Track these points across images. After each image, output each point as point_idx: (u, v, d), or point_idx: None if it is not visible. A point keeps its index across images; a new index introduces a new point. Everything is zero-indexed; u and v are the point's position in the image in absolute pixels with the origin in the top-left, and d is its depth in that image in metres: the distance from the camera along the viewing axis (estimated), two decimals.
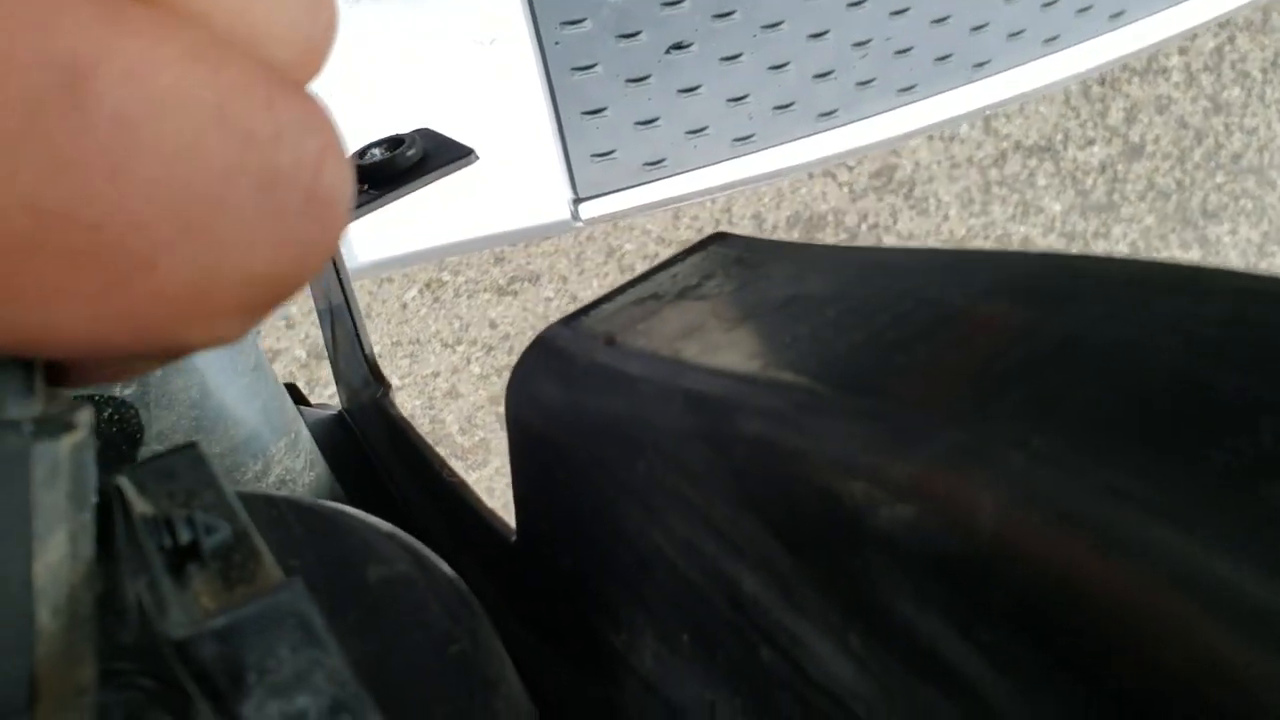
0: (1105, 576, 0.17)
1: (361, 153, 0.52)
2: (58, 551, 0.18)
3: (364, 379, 0.49)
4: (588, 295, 1.67)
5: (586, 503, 0.31)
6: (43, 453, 0.18)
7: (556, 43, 0.91)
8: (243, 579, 0.21)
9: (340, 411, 0.54)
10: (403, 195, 0.48)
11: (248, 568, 0.21)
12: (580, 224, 0.97)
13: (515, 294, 1.66)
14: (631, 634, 0.30)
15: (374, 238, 0.93)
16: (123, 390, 0.28)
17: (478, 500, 0.41)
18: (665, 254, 1.67)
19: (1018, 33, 1.10)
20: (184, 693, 0.22)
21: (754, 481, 0.24)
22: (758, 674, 0.25)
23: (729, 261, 0.33)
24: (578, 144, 0.94)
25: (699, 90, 0.97)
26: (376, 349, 1.62)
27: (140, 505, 0.20)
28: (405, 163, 0.49)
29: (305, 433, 0.38)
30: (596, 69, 0.93)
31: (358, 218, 0.48)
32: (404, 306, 1.62)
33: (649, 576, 0.29)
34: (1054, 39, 1.11)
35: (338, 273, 0.48)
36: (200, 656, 0.18)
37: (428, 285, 1.64)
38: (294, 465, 0.42)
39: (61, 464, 0.18)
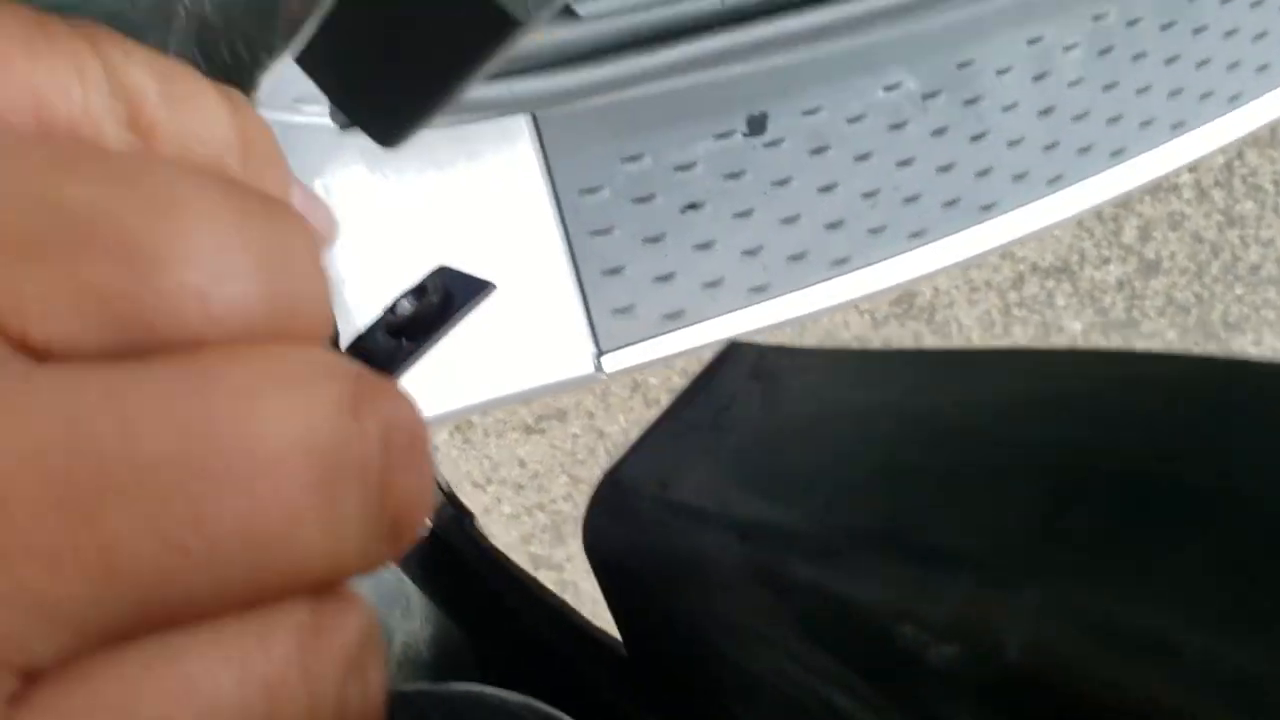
0: (1115, 699, 0.20)
1: (392, 307, 0.55)
2: None
3: (446, 509, 0.52)
4: (614, 430, 1.70)
5: (681, 630, 0.33)
6: None
7: (575, 209, 0.95)
8: None
9: (431, 532, 0.57)
10: (439, 340, 0.52)
11: None
12: (604, 376, 1.01)
13: (543, 432, 1.69)
14: None
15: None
16: None
17: (579, 615, 0.43)
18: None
19: (1022, 175, 1.14)
20: None
21: (816, 621, 0.26)
22: None
23: (745, 377, 0.35)
24: (599, 301, 0.98)
25: (714, 245, 1.01)
26: None
27: None
28: (432, 309, 0.52)
29: (413, 591, 0.41)
30: (614, 231, 0.98)
31: (404, 373, 0.52)
32: (435, 449, 1.66)
33: (753, 692, 0.31)
34: (1058, 179, 1.15)
35: None
36: None
37: (457, 427, 1.68)
38: (412, 628, 0.44)
39: None
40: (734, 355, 0.37)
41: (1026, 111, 1.13)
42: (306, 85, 0.43)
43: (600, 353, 0.99)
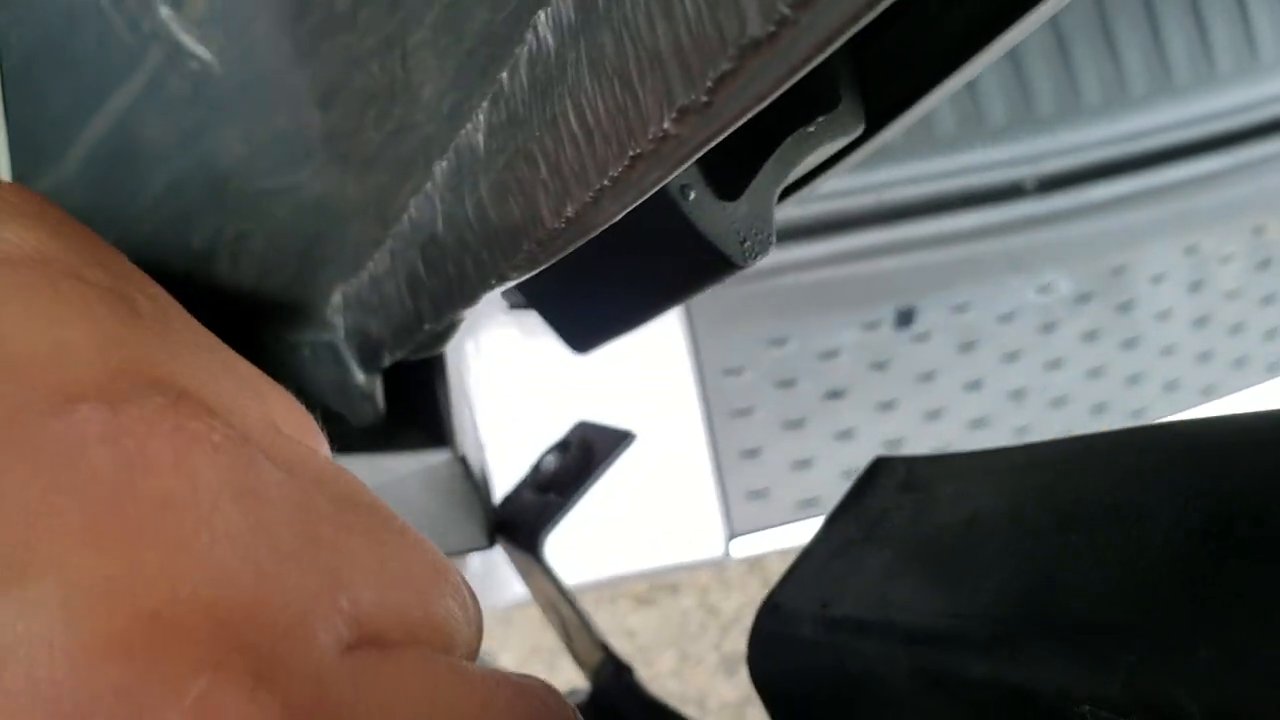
0: None
1: (537, 465, 0.56)
2: None
3: (604, 663, 0.52)
4: (728, 608, 1.67)
5: None
6: None
7: (718, 389, 0.96)
8: None
9: (591, 693, 0.57)
10: (584, 494, 0.53)
11: None
12: (732, 561, 1.01)
13: (654, 603, 1.67)
14: None
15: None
16: None
17: None
18: None
19: (1174, 383, 1.12)
20: None
21: (993, 716, 0.26)
22: None
23: (895, 490, 0.35)
24: (735, 482, 0.98)
25: (855, 434, 1.01)
26: (515, 656, 1.63)
27: None
28: (575, 463, 0.54)
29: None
30: (755, 413, 0.98)
31: (554, 526, 0.52)
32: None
33: None
34: (1210, 389, 1.14)
35: (558, 587, 0.52)
36: None
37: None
38: None
39: None
40: (882, 469, 0.37)
41: (1181, 320, 1.12)
42: None
43: (732, 535, 0.99)
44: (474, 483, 0.55)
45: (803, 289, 0.99)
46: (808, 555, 0.37)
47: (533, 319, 0.92)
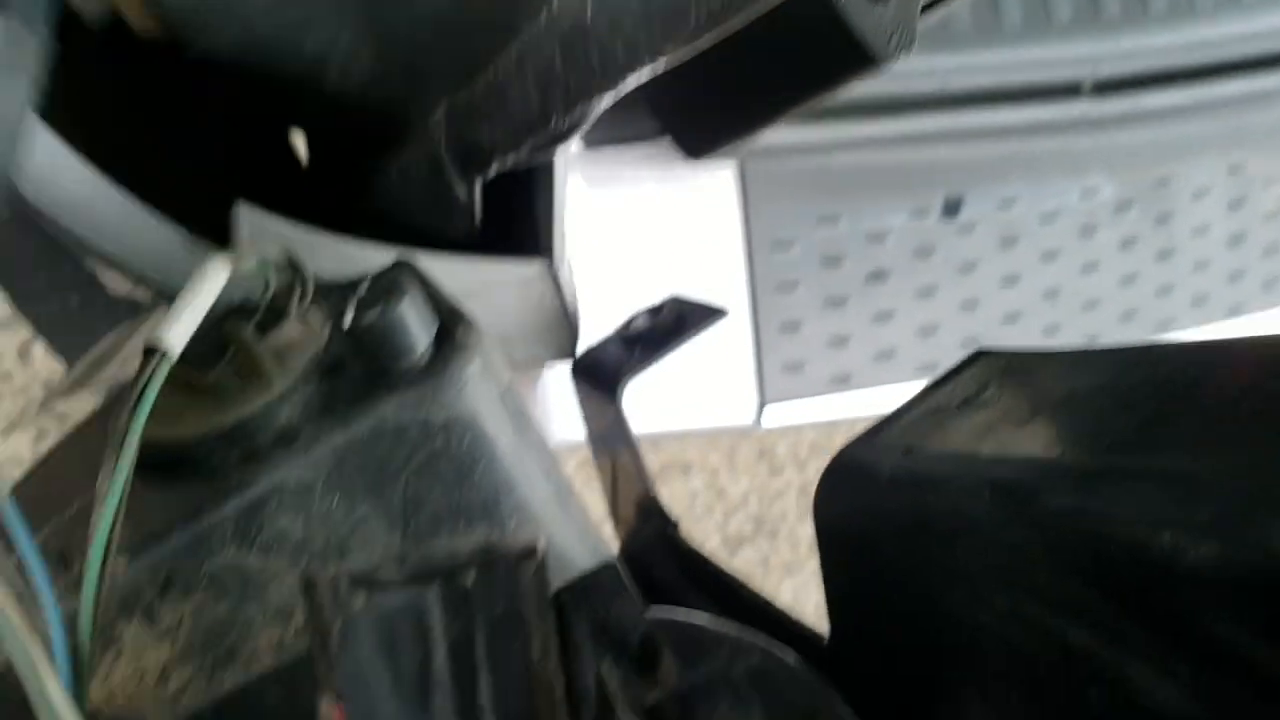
0: None
1: (628, 323, 0.60)
2: (538, 648, 0.25)
3: (648, 516, 0.55)
4: (735, 492, 1.71)
5: (905, 595, 0.35)
6: (523, 573, 0.25)
7: (765, 261, 0.99)
8: (654, 665, 0.27)
9: (623, 551, 0.60)
10: (668, 354, 0.56)
11: (656, 656, 0.27)
12: (761, 429, 1.04)
13: (665, 482, 1.71)
14: (957, 704, 0.34)
15: (567, 420, 1.01)
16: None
17: (784, 613, 0.46)
18: (816, 461, 1.71)
19: (1202, 299, 1.15)
20: None
21: (1071, 548, 0.28)
22: (1087, 715, 0.28)
23: (998, 372, 0.37)
24: (771, 355, 1.01)
25: (892, 318, 1.04)
26: None
27: (581, 611, 0.27)
28: (665, 327, 0.57)
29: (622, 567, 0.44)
30: (799, 289, 1.01)
31: (635, 377, 0.55)
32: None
33: (973, 650, 0.33)
34: (1238, 308, 1.16)
35: (625, 433, 0.55)
36: (666, 716, 0.25)
37: (581, 464, 1.71)
38: None
39: (532, 582, 0.25)
40: (984, 357, 0.39)
41: (1217, 237, 1.14)
42: None
43: (763, 404, 1.02)
44: (564, 297, 0.57)
45: (858, 169, 1.00)
46: (894, 416, 0.39)
47: (598, 179, 0.94)
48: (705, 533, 1.70)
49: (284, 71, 0.46)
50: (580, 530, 0.38)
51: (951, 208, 1.05)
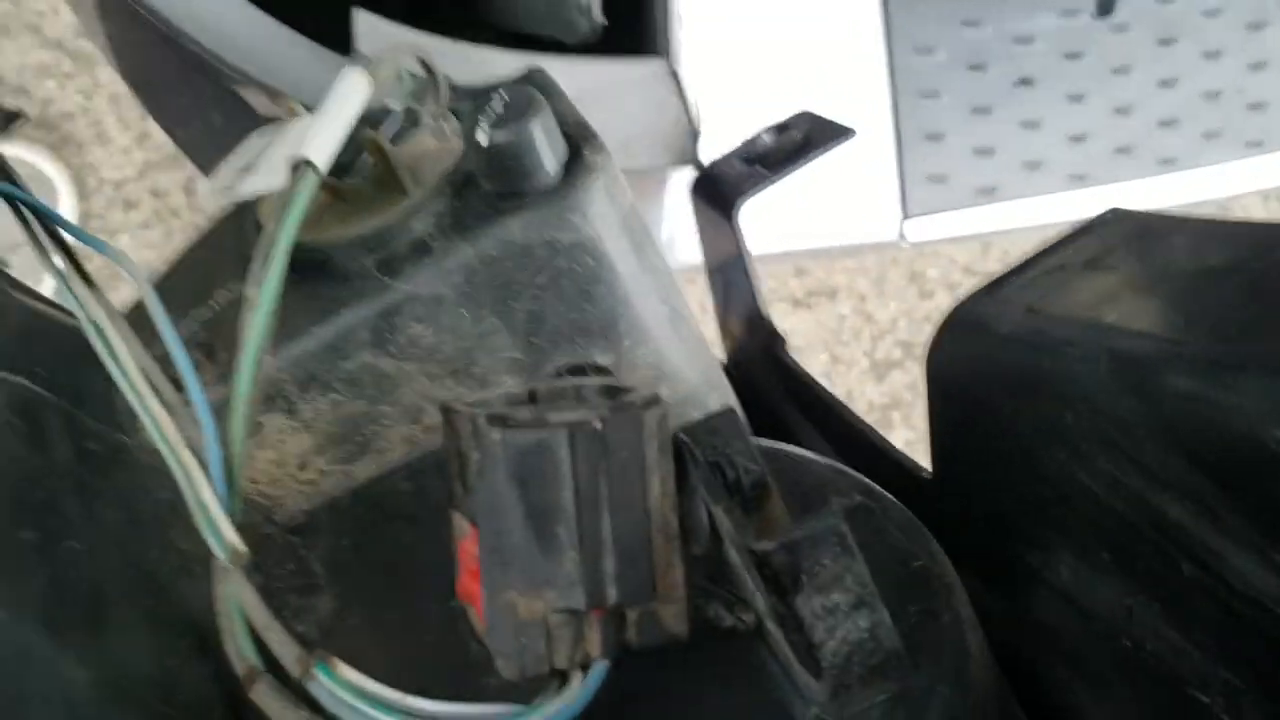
0: None
1: (754, 139, 0.59)
2: (657, 489, 0.27)
3: (755, 333, 0.56)
4: (883, 317, 1.70)
5: (1009, 448, 0.36)
6: (647, 421, 0.26)
7: (907, 68, 0.96)
8: (763, 506, 0.29)
9: (729, 363, 0.62)
10: (790, 173, 0.56)
11: (766, 498, 0.29)
12: (905, 244, 1.02)
13: (810, 308, 1.70)
14: (1048, 553, 0.35)
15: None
16: (601, 358, 0.37)
17: (883, 440, 0.47)
18: (967, 283, 1.68)
19: None
20: (728, 590, 0.30)
21: (1182, 429, 0.28)
22: (1178, 584, 0.29)
23: (1128, 235, 0.37)
24: (914, 166, 0.99)
25: (1041, 125, 1.00)
26: None
27: (699, 454, 0.28)
28: (791, 144, 0.57)
29: (729, 387, 0.45)
30: (942, 96, 0.98)
31: (753, 195, 0.56)
32: (703, 309, 1.69)
33: (1070, 507, 0.33)
34: None
35: (740, 250, 0.56)
36: (774, 563, 0.26)
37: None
38: None
39: (654, 428, 0.27)
40: (1116, 216, 0.39)
41: None
42: None
43: (906, 217, 1.01)
44: (684, 98, 0.57)
45: None
46: (1016, 271, 0.38)
47: None
48: (853, 356, 1.70)
49: None
50: (692, 352, 0.39)
51: (1105, 6, 1.00)
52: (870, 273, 1.66)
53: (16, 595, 0.26)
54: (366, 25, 0.47)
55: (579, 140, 0.36)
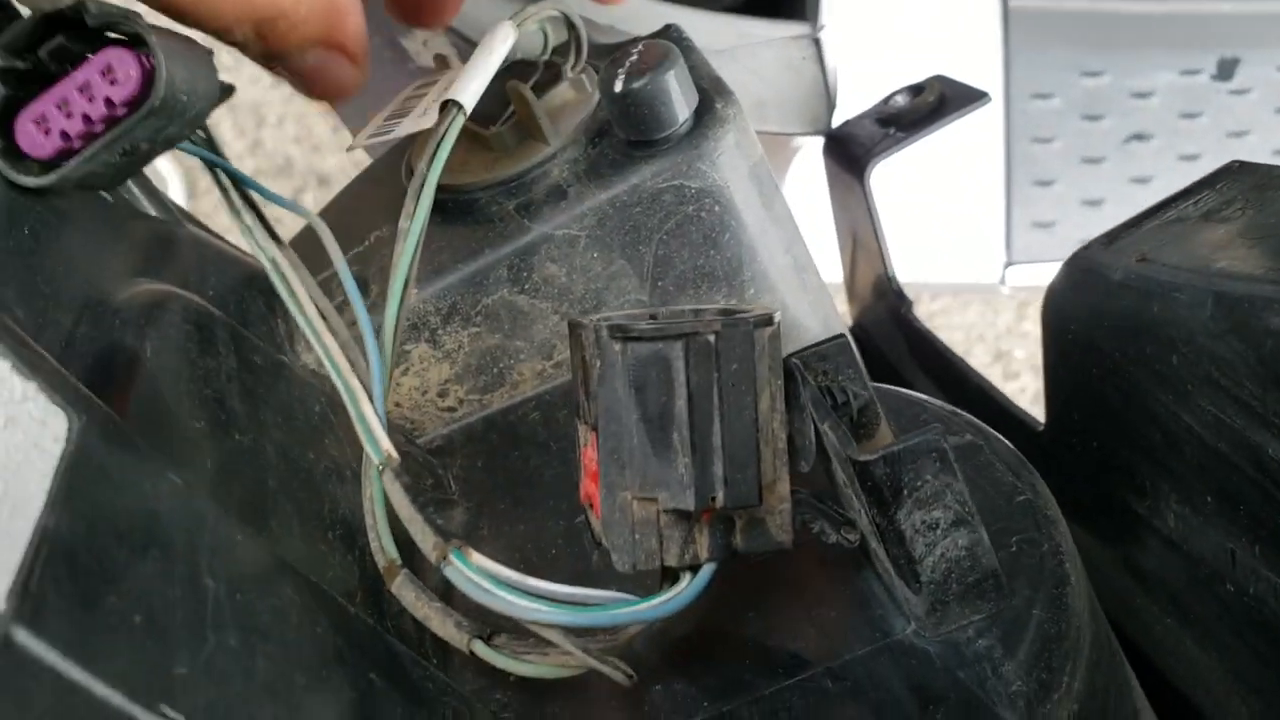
0: None
1: (887, 100, 0.61)
2: (766, 403, 0.29)
3: (882, 295, 0.58)
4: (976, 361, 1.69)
5: (1118, 393, 0.37)
6: (759, 337, 0.29)
7: (1023, 112, 0.98)
8: (871, 431, 0.31)
9: (855, 325, 0.64)
10: (924, 136, 0.58)
11: (874, 424, 0.31)
12: (1006, 290, 1.04)
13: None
14: (1155, 500, 0.36)
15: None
16: (724, 304, 0.39)
17: (1004, 396, 0.49)
18: None
19: None
20: (834, 509, 0.32)
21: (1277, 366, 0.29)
22: (1278, 524, 0.30)
23: (1248, 188, 0.37)
24: (1022, 210, 1.00)
25: (1152, 182, 1.01)
26: None
27: (810, 378, 0.30)
28: (926, 107, 0.58)
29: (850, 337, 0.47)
30: (1055, 143, 1.00)
31: (886, 157, 0.57)
32: None
33: (1176, 450, 0.34)
34: None
35: (869, 212, 0.58)
36: (875, 474, 0.28)
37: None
38: None
39: (766, 345, 0.29)
40: (1237, 169, 0.39)
41: None
42: None
43: (1009, 263, 1.02)
44: (824, 66, 0.60)
45: (1126, 21, 0.98)
46: (1135, 221, 0.39)
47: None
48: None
49: None
50: (814, 302, 0.41)
51: (1226, 69, 1.01)
52: (951, 312, 1.65)
53: (191, 470, 0.30)
54: None
55: (711, 92, 0.38)
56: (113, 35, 0.28)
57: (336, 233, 0.34)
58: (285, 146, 1.41)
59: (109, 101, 0.27)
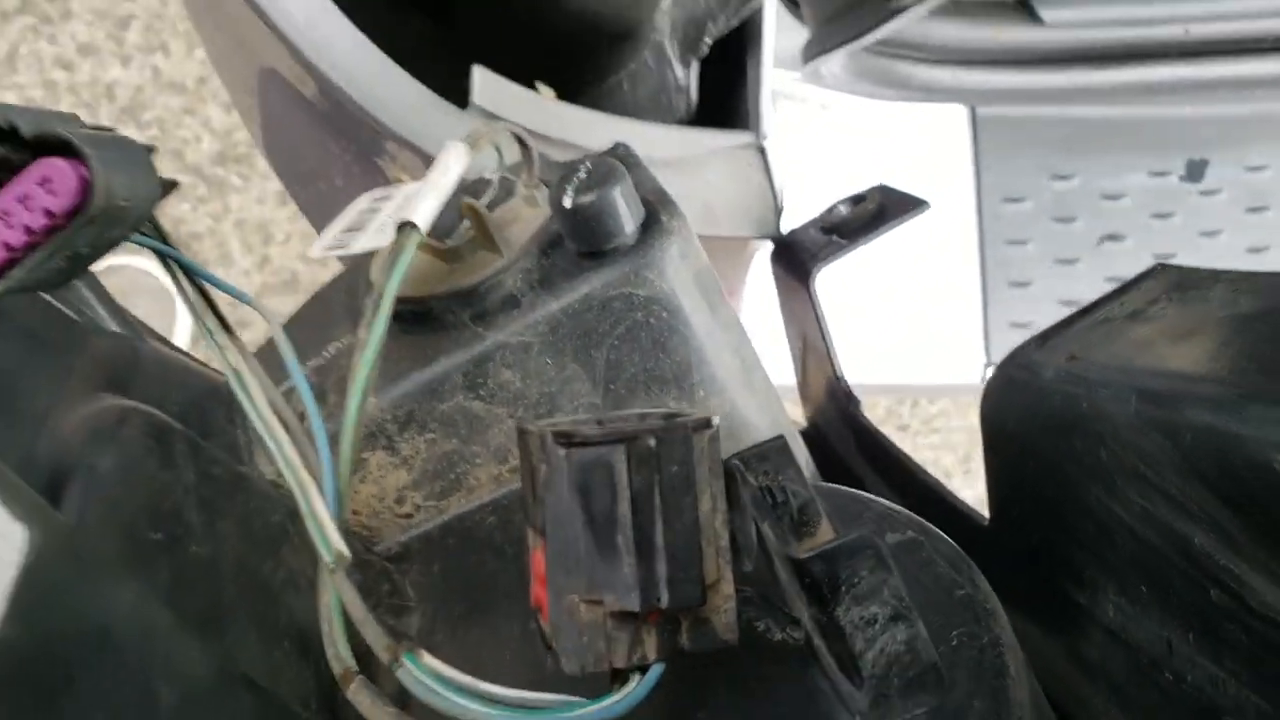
0: None
1: (830, 209, 0.64)
2: (708, 504, 0.30)
3: (833, 395, 0.60)
4: (949, 460, 1.71)
5: (1054, 487, 0.38)
6: (698, 441, 0.30)
7: (995, 215, 1.01)
8: (812, 529, 0.32)
9: (808, 426, 0.65)
10: (866, 242, 0.60)
11: (815, 522, 0.32)
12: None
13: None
14: (1094, 590, 0.37)
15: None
16: (675, 406, 0.41)
17: (949, 492, 0.50)
18: None
19: None
20: (779, 607, 0.33)
21: (1200, 459, 0.30)
22: (1208, 611, 0.31)
23: (1170, 287, 0.40)
24: (998, 312, 1.02)
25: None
26: None
27: (750, 478, 0.32)
28: (866, 215, 0.61)
29: (799, 436, 0.48)
30: (1029, 245, 1.02)
31: (829, 263, 0.60)
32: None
33: (1109, 542, 0.36)
34: None
35: (816, 317, 0.60)
36: (812, 571, 0.29)
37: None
38: None
39: (705, 448, 0.30)
40: (1158, 272, 0.41)
41: None
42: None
43: (989, 364, 1.04)
44: (769, 173, 0.63)
45: (1093, 125, 1.01)
46: (1065, 323, 0.42)
47: (836, 116, 0.97)
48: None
49: None
50: (762, 403, 0.43)
51: (1195, 170, 1.04)
52: (950, 415, 1.68)
53: (147, 582, 0.31)
54: (483, 80, 0.53)
55: (656, 205, 0.40)
56: (48, 144, 0.29)
57: (298, 343, 0.35)
58: (291, 263, 1.46)
59: (48, 212, 0.28)
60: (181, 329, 1.36)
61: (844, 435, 0.60)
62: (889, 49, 0.90)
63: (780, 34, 0.69)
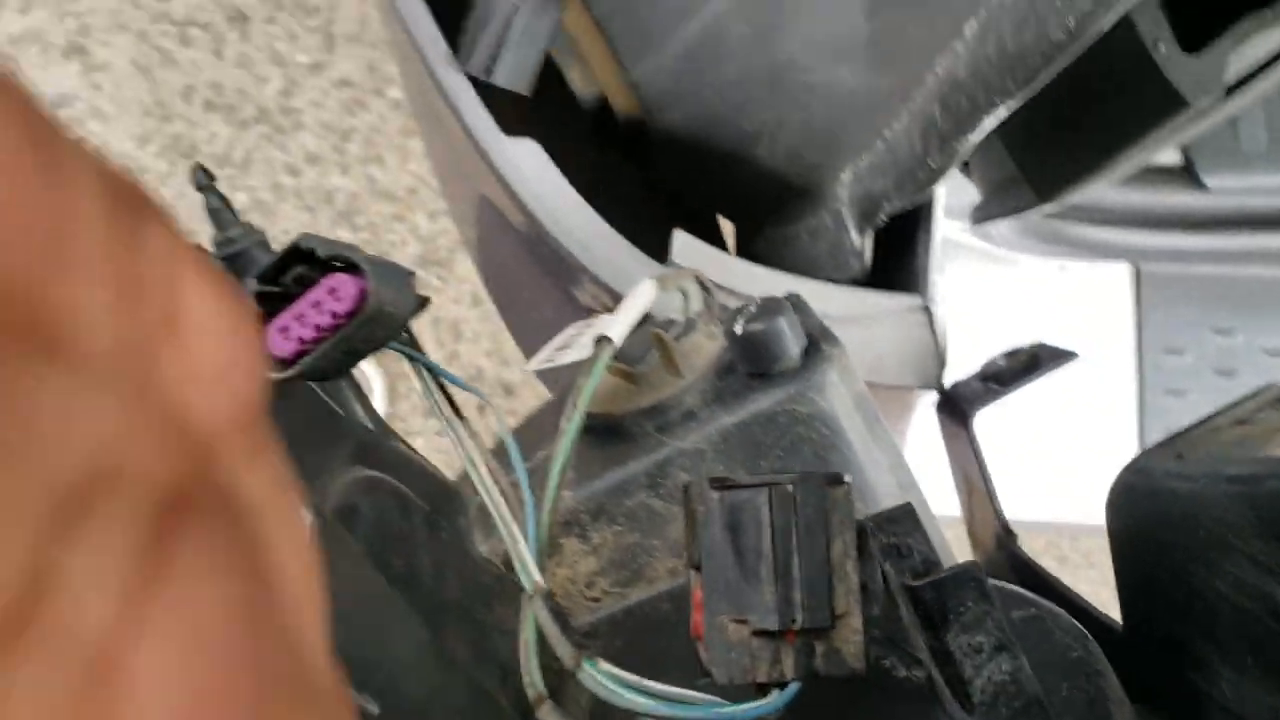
0: None
1: (989, 361, 0.70)
2: (839, 548, 0.36)
3: (996, 534, 0.64)
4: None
5: (1167, 577, 0.42)
6: (831, 492, 0.36)
7: (1156, 365, 1.04)
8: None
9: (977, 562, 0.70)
10: (1019, 388, 0.65)
11: (935, 572, 0.37)
12: None
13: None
14: (1208, 671, 0.41)
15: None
16: None
17: (1088, 603, 0.55)
18: None
19: None
20: (903, 647, 0.38)
21: (1275, 520, 0.35)
22: None
23: (1276, 399, 0.45)
24: None
25: None
26: None
27: (880, 536, 0.37)
28: (1020, 365, 0.66)
29: (942, 531, 0.53)
30: (1189, 396, 1.04)
31: (986, 406, 0.65)
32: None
33: (1214, 617, 0.39)
34: None
35: (976, 457, 0.65)
36: (924, 598, 0.35)
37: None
38: None
39: (839, 500, 0.36)
40: (1268, 389, 0.46)
41: None
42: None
43: None
44: (935, 331, 0.68)
45: (1257, 283, 1.03)
46: (1180, 432, 0.47)
47: (998, 271, 1.02)
48: None
49: (723, 144, 0.60)
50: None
51: None
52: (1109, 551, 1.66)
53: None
54: (681, 241, 0.61)
55: (818, 336, 0.47)
56: (337, 263, 0.37)
57: (521, 447, 0.42)
58: (478, 359, 1.57)
59: (333, 314, 0.37)
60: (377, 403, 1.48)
61: (1005, 568, 0.64)
62: (1056, 211, 0.95)
63: (951, 189, 0.76)
